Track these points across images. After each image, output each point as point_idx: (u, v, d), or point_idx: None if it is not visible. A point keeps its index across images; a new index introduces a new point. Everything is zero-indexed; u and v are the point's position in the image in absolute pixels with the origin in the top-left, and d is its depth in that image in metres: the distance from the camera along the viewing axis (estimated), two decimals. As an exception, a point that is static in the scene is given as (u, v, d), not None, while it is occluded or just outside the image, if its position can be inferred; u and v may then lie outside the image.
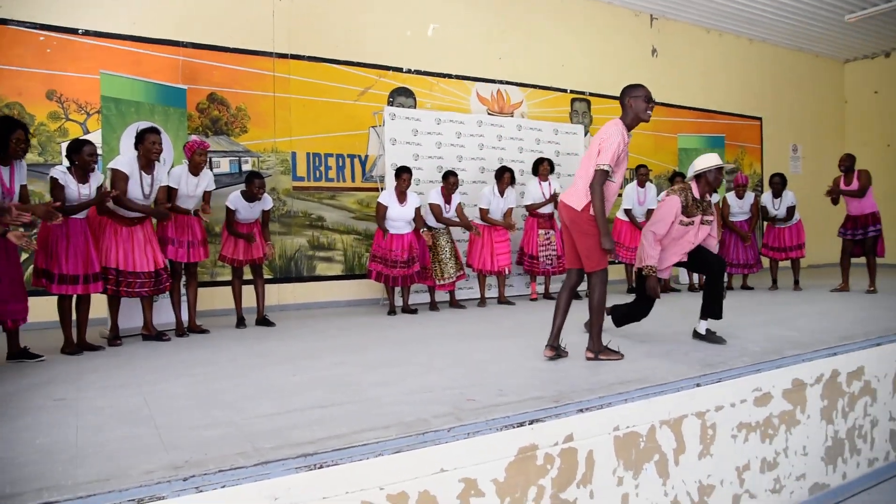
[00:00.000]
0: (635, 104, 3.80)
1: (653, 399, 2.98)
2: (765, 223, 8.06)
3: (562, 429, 2.66)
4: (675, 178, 7.92)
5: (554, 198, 7.14)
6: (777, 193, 7.71)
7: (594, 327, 3.79)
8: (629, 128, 3.83)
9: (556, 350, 3.79)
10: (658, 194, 7.82)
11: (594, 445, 2.75)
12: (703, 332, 4.33)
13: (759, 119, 11.44)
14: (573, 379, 3.22)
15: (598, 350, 3.76)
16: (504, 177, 6.84)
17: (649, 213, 7.71)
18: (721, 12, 10.07)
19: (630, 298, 7.26)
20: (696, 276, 8.17)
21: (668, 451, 3.00)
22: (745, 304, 6.44)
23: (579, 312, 6.08)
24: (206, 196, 5.30)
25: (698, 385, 3.15)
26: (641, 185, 7.61)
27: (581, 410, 2.74)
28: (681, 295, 7.67)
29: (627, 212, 7.65)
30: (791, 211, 7.71)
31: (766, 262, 8.28)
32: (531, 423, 2.57)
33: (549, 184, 7.18)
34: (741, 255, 7.93)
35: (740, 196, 7.92)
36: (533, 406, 2.70)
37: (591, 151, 3.79)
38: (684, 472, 3.04)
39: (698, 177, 4.38)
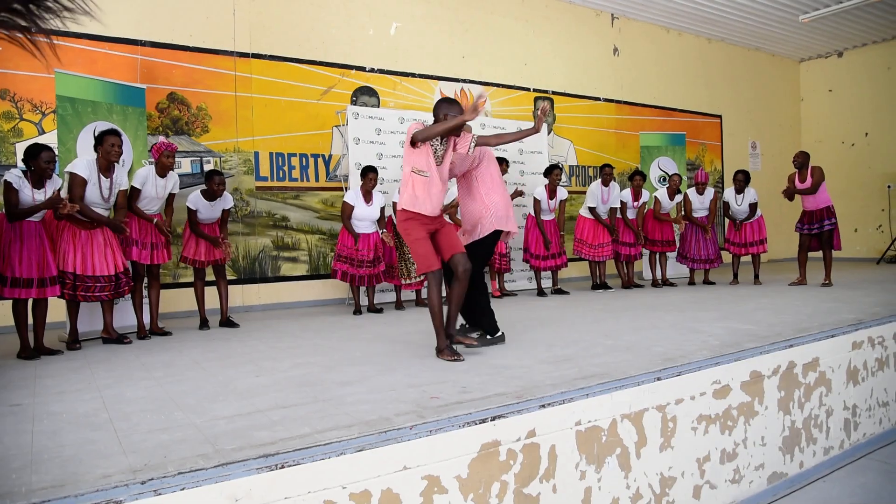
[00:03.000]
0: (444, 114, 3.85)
1: (614, 393, 3.02)
2: (726, 219, 8.23)
3: (524, 424, 2.68)
4: (636, 175, 8.05)
5: (517, 196, 7.21)
6: (740, 190, 7.88)
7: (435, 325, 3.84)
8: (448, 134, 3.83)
9: (453, 353, 3.77)
10: (621, 191, 7.94)
11: (556, 440, 2.77)
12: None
13: (719, 117, 11.68)
14: (536, 375, 3.25)
15: (442, 349, 3.80)
16: None
17: (612, 211, 7.83)
18: (680, 12, 10.25)
19: (595, 295, 7.40)
20: (658, 272, 8.31)
21: (630, 445, 3.05)
22: (706, 299, 6.57)
23: (545, 308, 6.16)
24: (171, 199, 5.22)
25: (658, 379, 3.20)
26: (605, 183, 7.71)
27: (543, 406, 2.76)
28: (644, 291, 7.80)
29: (592, 209, 7.74)
30: (753, 207, 7.89)
31: (727, 256, 8.47)
32: (493, 419, 2.59)
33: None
34: (702, 250, 8.10)
35: (700, 192, 8.09)
36: (495, 402, 2.72)
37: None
38: (646, 465, 3.09)
39: None
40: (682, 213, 8.26)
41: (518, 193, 7.27)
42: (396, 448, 2.31)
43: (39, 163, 4.29)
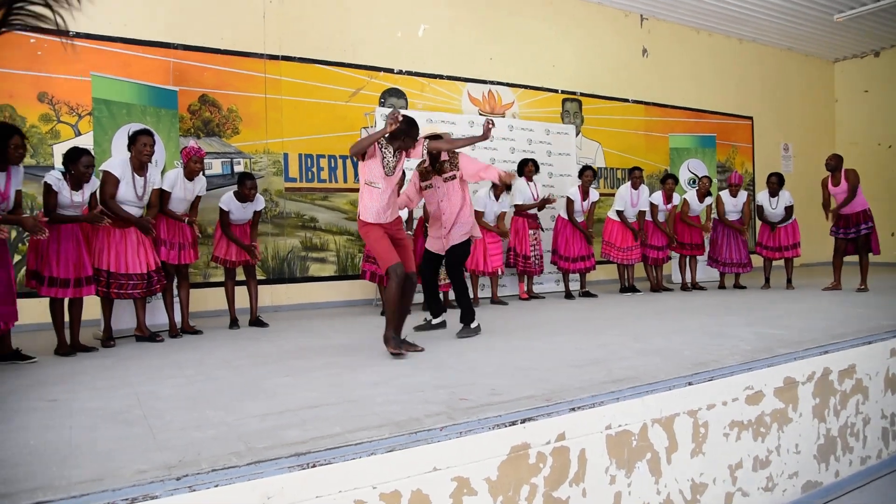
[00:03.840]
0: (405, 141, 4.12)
1: (644, 397, 2.99)
2: (759, 222, 8.10)
3: (554, 427, 2.67)
4: (668, 178, 7.96)
5: (545, 203, 7.21)
6: (774, 193, 7.75)
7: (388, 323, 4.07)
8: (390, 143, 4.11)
9: (398, 346, 4.01)
10: (651, 194, 7.86)
11: (586, 444, 2.76)
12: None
13: (750, 118, 11.51)
14: (564, 378, 3.23)
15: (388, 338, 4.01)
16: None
17: (641, 214, 7.76)
18: (710, 12, 10.13)
19: (623, 298, 7.33)
20: (688, 275, 8.21)
21: (661, 450, 3.01)
22: (737, 303, 6.47)
23: (544, 312, 6.12)
24: (196, 201, 5.30)
25: (690, 384, 3.16)
26: (635, 187, 7.63)
27: (573, 409, 2.75)
28: (673, 294, 7.71)
29: (619, 213, 7.67)
30: (790, 210, 7.75)
31: (758, 260, 8.33)
32: (523, 422, 2.58)
33: (535, 184, 7.24)
34: (733, 254, 7.98)
35: (734, 195, 7.97)
36: (525, 405, 2.71)
37: None
38: (677, 471, 3.05)
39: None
40: (714, 215, 8.15)
41: (548, 201, 7.25)
42: (426, 449, 2.31)
43: (79, 167, 4.38)
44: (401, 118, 3.92)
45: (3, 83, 5.69)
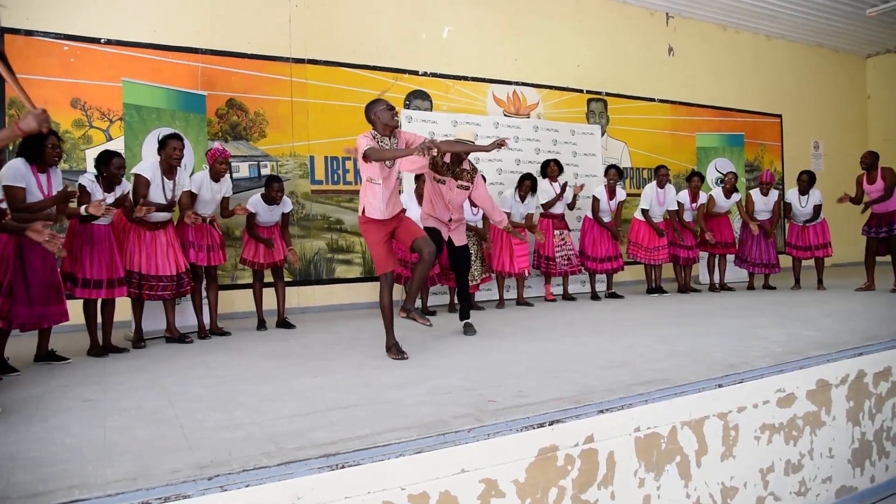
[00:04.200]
0: (381, 115, 4.08)
1: (674, 400, 2.96)
2: (787, 222, 7.97)
3: (582, 429, 2.65)
4: (694, 177, 7.88)
5: (564, 189, 7.16)
6: (804, 191, 7.62)
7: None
8: (382, 133, 4.12)
9: (399, 352, 4.04)
10: (677, 194, 7.79)
11: (615, 446, 2.74)
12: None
13: (779, 116, 11.34)
14: (592, 380, 3.21)
15: (389, 347, 4.08)
16: (525, 184, 6.83)
17: (670, 213, 7.68)
18: (737, 9, 10.00)
19: (650, 299, 7.27)
20: (716, 276, 8.11)
21: (690, 453, 2.98)
22: (767, 304, 6.38)
23: (581, 311, 6.10)
24: (225, 202, 5.37)
25: (720, 386, 3.12)
26: (661, 185, 7.56)
27: (601, 411, 2.73)
28: (701, 295, 7.62)
29: (644, 212, 7.60)
30: (818, 209, 7.63)
31: (787, 261, 8.20)
32: (551, 423, 2.57)
33: (559, 184, 7.21)
34: (763, 254, 7.86)
35: (765, 193, 7.85)
36: (553, 407, 2.70)
37: None
38: (707, 474, 3.02)
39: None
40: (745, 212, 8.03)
41: (567, 189, 7.21)
42: (455, 451, 2.31)
43: (111, 168, 4.48)
44: (435, 152, 3.90)
45: (38, 90, 5.81)
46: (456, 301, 6.70)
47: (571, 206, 7.36)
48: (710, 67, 10.46)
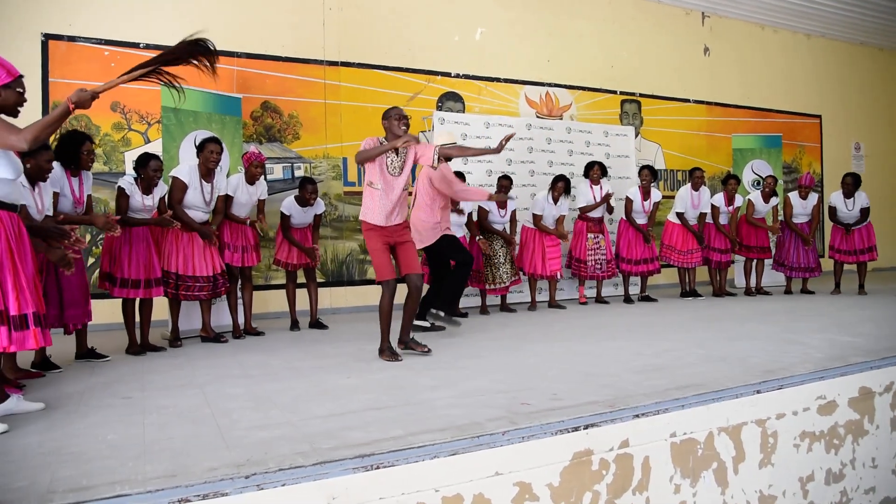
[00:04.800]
0: (392, 124, 4.14)
1: (710, 405, 2.91)
2: (829, 225, 7.77)
3: (617, 434, 2.62)
4: (730, 179, 7.74)
5: (606, 199, 7.08)
6: (849, 194, 7.42)
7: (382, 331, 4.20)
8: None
9: (392, 354, 4.10)
10: (713, 196, 7.66)
11: (650, 451, 2.70)
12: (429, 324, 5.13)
13: (819, 117, 11.08)
14: (626, 384, 3.18)
15: (383, 349, 4.14)
16: (558, 185, 6.77)
17: (702, 216, 7.57)
18: (776, 8, 9.81)
19: (684, 302, 7.17)
20: (752, 280, 7.96)
21: (727, 459, 2.93)
22: (806, 309, 6.25)
23: (617, 315, 6.04)
24: (261, 205, 5.43)
25: (758, 392, 3.06)
26: (696, 188, 7.45)
27: (637, 416, 2.70)
28: (737, 299, 7.49)
29: (679, 215, 7.49)
30: (865, 212, 7.42)
31: (827, 264, 8.02)
32: (586, 427, 2.55)
33: (601, 187, 7.12)
34: (801, 258, 7.70)
35: (804, 197, 7.67)
36: (588, 411, 2.68)
37: None
38: (744, 481, 2.96)
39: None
40: (781, 217, 7.87)
41: (607, 198, 7.13)
42: (489, 453, 2.31)
43: (148, 170, 4.57)
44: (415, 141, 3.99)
45: (79, 94, 5.95)
46: (486, 303, 6.70)
47: (610, 211, 7.29)
48: (747, 67, 10.28)
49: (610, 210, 7.25)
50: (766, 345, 4.20)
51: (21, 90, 2.84)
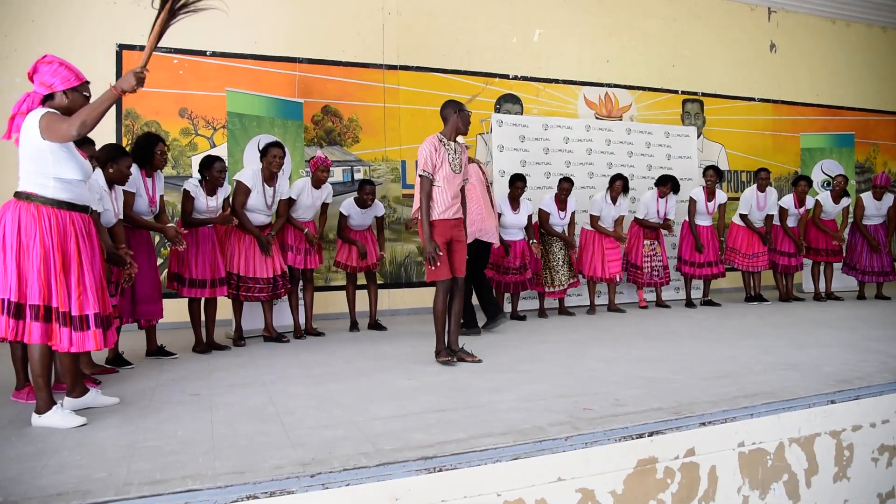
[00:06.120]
0: (452, 118, 4.20)
1: (781, 415, 2.82)
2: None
3: (683, 442, 2.56)
4: (800, 180, 7.46)
5: (667, 227, 6.96)
6: None
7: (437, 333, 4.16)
8: (448, 137, 4.22)
9: (449, 355, 4.09)
10: (781, 197, 7.40)
11: (717, 461, 2.63)
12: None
13: (895, 114, 10.57)
14: (692, 391, 3.10)
15: (439, 351, 4.12)
16: (615, 185, 6.66)
17: (768, 218, 7.32)
18: (849, 1, 9.40)
19: (748, 307, 6.94)
20: (822, 285, 7.65)
21: (799, 472, 2.82)
22: (882, 315, 5.97)
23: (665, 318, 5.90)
24: (324, 208, 5.54)
25: (832, 402, 2.94)
26: (762, 189, 7.20)
27: (703, 424, 2.63)
28: (805, 304, 7.21)
29: (743, 217, 7.24)
30: None
31: None
32: (651, 434, 2.50)
33: (667, 201, 6.96)
34: (875, 261, 7.35)
35: (878, 197, 7.34)
36: (652, 417, 2.62)
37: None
38: (817, 495, 2.85)
39: None
40: (851, 219, 7.54)
41: (666, 227, 7.01)
42: (551, 458, 2.28)
43: (213, 172, 4.70)
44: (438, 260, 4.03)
45: (151, 101, 6.20)
46: (545, 306, 6.65)
47: (669, 230, 7.13)
48: (817, 63, 9.89)
49: (669, 229, 7.08)
50: (839, 352, 4.03)
51: (87, 95, 2.93)
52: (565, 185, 6.39)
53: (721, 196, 7.10)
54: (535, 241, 6.30)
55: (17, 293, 2.67)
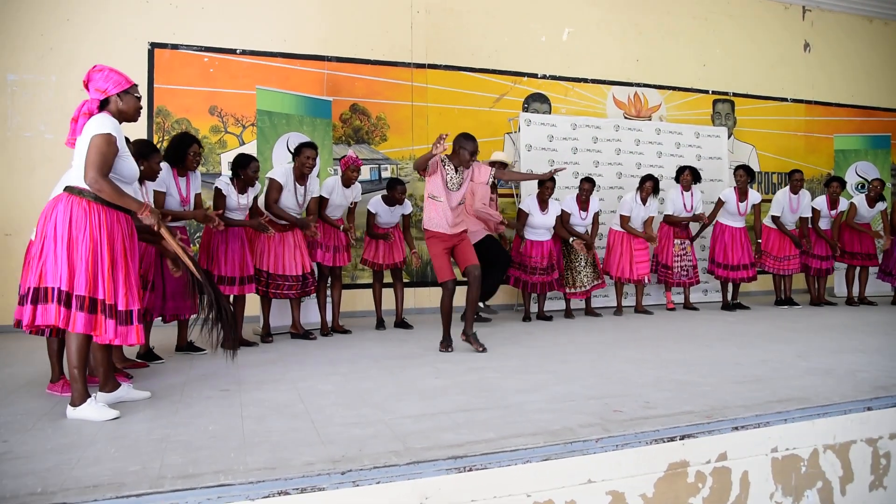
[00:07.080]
0: (462, 153, 4.45)
1: (816, 421, 2.77)
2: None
3: (715, 446, 2.53)
4: (833, 182, 7.32)
5: (699, 220, 6.86)
6: None
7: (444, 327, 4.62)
8: (453, 162, 4.49)
9: (448, 347, 4.54)
10: (814, 199, 7.27)
11: (749, 466, 2.59)
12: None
13: (932, 115, 10.32)
14: (724, 394, 3.05)
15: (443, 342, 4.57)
16: (646, 185, 6.59)
17: (802, 221, 7.18)
18: (887, -1, 9.21)
19: (779, 311, 6.83)
20: (855, 289, 7.50)
21: (834, 479, 2.77)
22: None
23: (704, 319, 5.84)
24: (353, 206, 5.56)
25: (869, 409, 2.88)
26: (795, 191, 7.05)
27: (736, 428, 2.59)
28: (837, 309, 7.08)
29: (775, 219, 7.11)
30: None
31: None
32: (682, 438, 2.47)
33: (692, 193, 6.87)
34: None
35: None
36: (683, 421, 2.59)
37: None
38: None
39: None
40: (891, 223, 7.37)
41: (698, 218, 6.93)
42: (582, 460, 2.27)
43: (248, 171, 4.74)
44: (444, 142, 4.16)
45: (181, 99, 6.28)
46: (570, 307, 6.60)
47: (704, 227, 7.03)
48: (852, 63, 9.69)
49: (702, 219, 6.97)
50: (876, 358, 3.95)
51: (138, 96, 3.01)
52: (586, 185, 6.33)
53: (755, 196, 6.95)
54: (575, 237, 6.25)
55: (68, 283, 2.73)
